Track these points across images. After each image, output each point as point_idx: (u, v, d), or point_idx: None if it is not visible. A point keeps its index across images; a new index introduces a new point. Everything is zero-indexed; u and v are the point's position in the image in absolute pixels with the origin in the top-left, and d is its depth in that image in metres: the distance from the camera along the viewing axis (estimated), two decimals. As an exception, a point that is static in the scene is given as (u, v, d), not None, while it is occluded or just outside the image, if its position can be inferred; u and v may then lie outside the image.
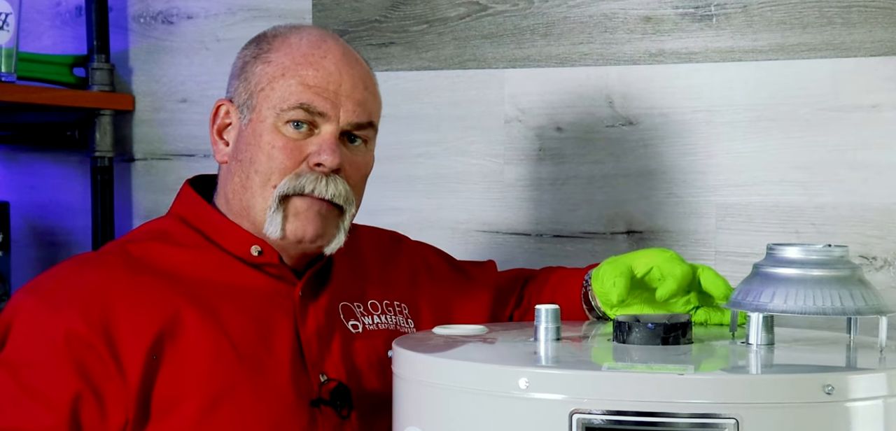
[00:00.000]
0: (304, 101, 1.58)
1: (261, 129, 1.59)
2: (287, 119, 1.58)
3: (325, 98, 1.59)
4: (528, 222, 2.11)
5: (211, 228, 1.63)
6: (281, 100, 1.58)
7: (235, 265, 1.61)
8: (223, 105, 1.65)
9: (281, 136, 1.58)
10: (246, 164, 1.60)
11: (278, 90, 1.59)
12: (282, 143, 1.58)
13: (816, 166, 1.97)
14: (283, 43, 1.62)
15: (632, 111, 2.05)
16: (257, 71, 1.62)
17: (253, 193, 1.59)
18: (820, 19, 1.96)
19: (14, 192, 2.34)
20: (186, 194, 1.68)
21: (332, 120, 1.59)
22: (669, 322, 1.42)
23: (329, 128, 1.59)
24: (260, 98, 1.60)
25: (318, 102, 1.58)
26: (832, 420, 1.24)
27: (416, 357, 1.38)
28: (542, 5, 2.09)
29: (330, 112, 1.59)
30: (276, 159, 1.58)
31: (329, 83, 1.59)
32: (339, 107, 1.59)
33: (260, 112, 1.60)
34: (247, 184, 1.60)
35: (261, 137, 1.59)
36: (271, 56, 1.61)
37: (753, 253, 1.86)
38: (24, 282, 1.71)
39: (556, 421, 1.24)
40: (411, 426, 1.36)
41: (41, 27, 2.34)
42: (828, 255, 1.40)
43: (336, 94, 1.59)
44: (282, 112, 1.58)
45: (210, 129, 1.66)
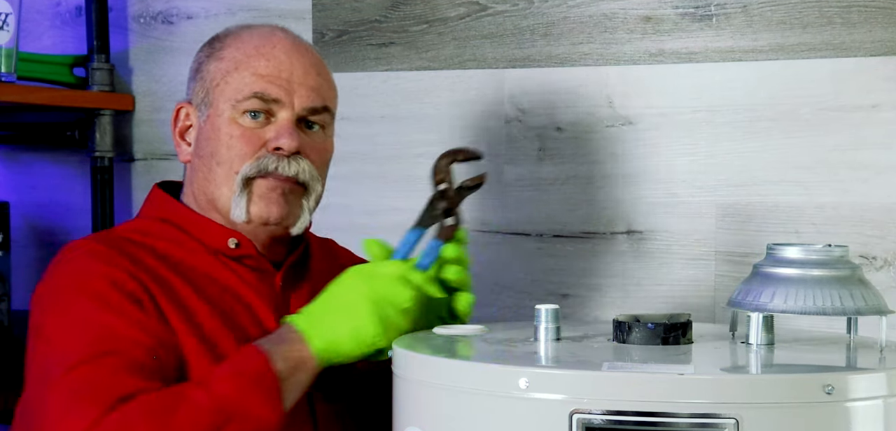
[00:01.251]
0: (257, 91, 1.62)
1: (219, 123, 1.63)
2: (243, 109, 1.63)
3: (278, 86, 1.63)
4: (528, 222, 2.10)
5: (189, 224, 1.66)
6: (235, 91, 1.63)
7: (215, 261, 1.64)
8: (183, 108, 1.70)
9: (238, 126, 1.63)
10: (207, 158, 1.64)
11: (232, 83, 1.63)
12: (239, 132, 1.63)
13: (816, 166, 1.97)
14: (235, 39, 1.67)
15: (632, 111, 2.05)
16: (211, 69, 1.66)
17: (217, 184, 1.64)
18: (820, 19, 1.96)
19: (14, 192, 2.34)
20: (158, 196, 1.71)
21: (287, 106, 1.64)
22: (669, 322, 1.42)
23: (285, 114, 1.64)
24: (215, 93, 1.65)
25: (271, 90, 1.63)
26: (832, 420, 1.24)
27: (416, 357, 1.38)
28: (542, 5, 2.09)
29: (284, 98, 1.63)
30: (235, 148, 1.62)
31: (281, 71, 1.64)
32: (292, 93, 1.64)
33: (216, 107, 1.64)
34: (210, 176, 1.64)
35: (219, 130, 1.63)
36: (224, 53, 1.66)
37: (753, 253, 1.86)
38: (24, 282, 1.71)
39: (556, 421, 1.24)
40: (411, 426, 1.36)
41: (41, 27, 2.34)
42: (828, 255, 1.40)
43: (289, 82, 1.64)
44: (237, 103, 1.63)
45: (173, 132, 1.71)
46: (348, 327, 1.48)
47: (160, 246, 1.63)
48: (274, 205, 1.63)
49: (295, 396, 1.48)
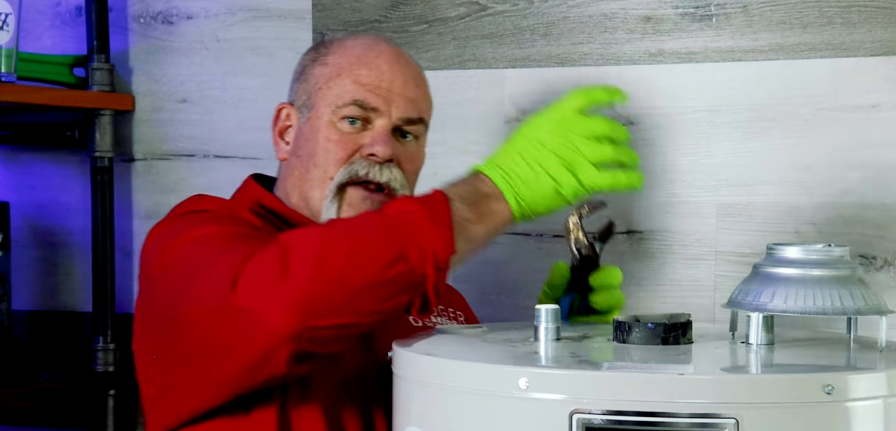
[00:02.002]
0: (358, 98, 1.67)
1: (318, 126, 1.69)
2: (342, 115, 1.67)
3: (377, 94, 1.68)
4: (528, 222, 2.10)
5: (283, 212, 1.71)
6: (336, 97, 1.68)
7: None
8: (284, 108, 1.76)
9: (336, 131, 1.68)
10: (305, 159, 1.70)
11: (334, 88, 1.69)
12: (337, 137, 1.68)
13: (816, 166, 1.97)
14: (340, 46, 1.73)
15: (632, 111, 2.05)
16: (315, 72, 1.72)
17: (312, 185, 1.69)
18: (820, 19, 1.96)
19: (14, 192, 2.34)
20: (253, 186, 1.75)
21: (385, 115, 1.68)
22: (669, 322, 1.42)
23: (381, 122, 1.68)
24: (317, 97, 1.70)
25: (371, 99, 1.68)
26: (832, 420, 1.24)
27: (416, 357, 1.38)
28: (542, 5, 2.09)
29: (382, 107, 1.68)
30: (332, 152, 1.67)
31: (382, 81, 1.68)
32: (390, 103, 1.69)
33: (317, 110, 1.70)
34: (306, 176, 1.69)
35: (318, 133, 1.69)
36: (328, 58, 1.72)
37: (753, 253, 1.86)
38: (24, 282, 1.71)
39: (556, 421, 1.24)
40: (411, 426, 1.36)
41: (41, 27, 2.34)
42: (828, 255, 1.40)
43: (388, 91, 1.69)
44: (337, 108, 1.68)
45: (272, 131, 1.76)
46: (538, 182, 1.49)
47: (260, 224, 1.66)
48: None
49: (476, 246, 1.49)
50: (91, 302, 2.27)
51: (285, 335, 1.37)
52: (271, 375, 1.44)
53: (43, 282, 2.36)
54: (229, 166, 2.24)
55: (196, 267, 1.47)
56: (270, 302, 1.37)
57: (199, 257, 1.48)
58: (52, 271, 2.36)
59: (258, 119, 2.23)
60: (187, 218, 1.60)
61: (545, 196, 1.49)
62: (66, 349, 2.33)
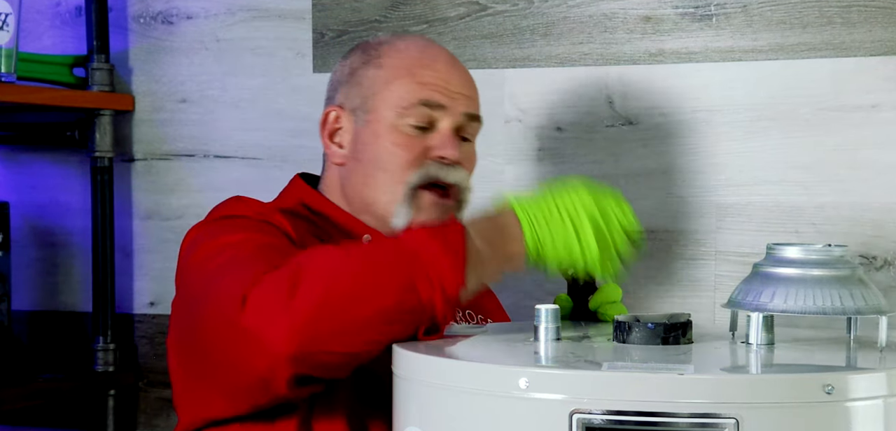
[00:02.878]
0: (424, 98, 1.69)
1: (380, 129, 1.70)
2: (407, 118, 1.68)
3: (442, 93, 1.70)
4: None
5: (330, 213, 1.72)
6: (400, 99, 1.69)
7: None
8: (332, 111, 1.75)
9: (401, 135, 1.69)
10: (368, 164, 1.70)
11: (396, 91, 1.70)
12: (403, 141, 1.69)
13: (816, 166, 1.97)
14: (392, 49, 1.74)
15: (632, 111, 2.05)
16: (370, 75, 1.72)
17: (377, 189, 1.69)
18: (820, 19, 1.96)
19: (14, 192, 2.34)
20: (301, 185, 1.76)
21: (449, 113, 1.71)
22: (669, 322, 1.42)
23: (446, 122, 1.71)
24: (376, 100, 1.71)
25: (437, 97, 1.70)
26: (832, 420, 1.24)
27: (416, 357, 1.38)
28: (542, 5, 2.09)
29: (447, 104, 1.70)
30: (399, 155, 1.68)
31: (443, 80, 1.71)
32: (454, 100, 1.71)
33: (378, 113, 1.70)
34: (369, 181, 1.70)
35: (381, 137, 1.69)
36: (383, 61, 1.73)
37: (753, 253, 1.86)
38: (24, 282, 1.72)
39: (556, 421, 1.24)
40: (411, 426, 1.36)
41: (41, 27, 2.34)
42: (828, 255, 1.40)
43: (450, 90, 1.71)
44: (403, 110, 1.69)
45: (321, 135, 1.75)
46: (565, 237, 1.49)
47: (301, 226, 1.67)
48: (436, 214, 1.67)
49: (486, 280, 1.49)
50: (91, 302, 2.27)
51: (285, 358, 1.38)
52: (274, 395, 1.44)
53: (43, 282, 2.36)
54: (229, 166, 2.24)
55: (214, 277, 1.48)
56: (274, 324, 1.38)
57: (218, 266, 1.49)
58: (52, 271, 2.36)
59: (258, 119, 2.23)
60: (221, 223, 1.60)
61: (564, 252, 1.49)
62: (66, 349, 2.33)
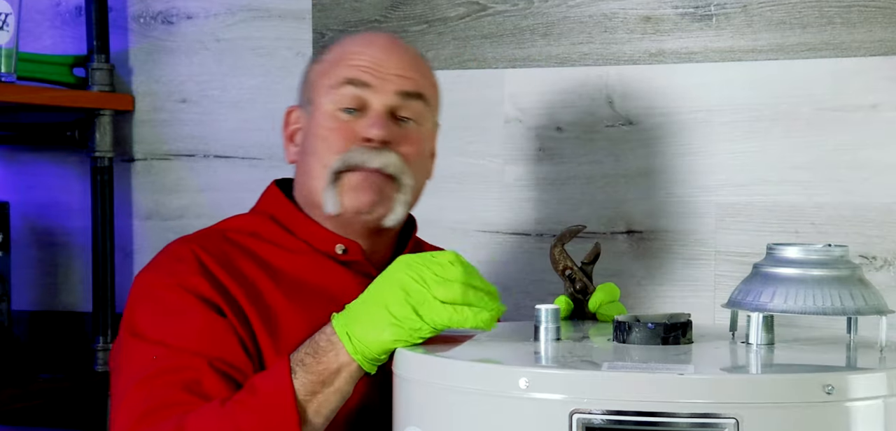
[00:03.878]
0: (349, 77, 1.66)
1: (318, 118, 1.68)
2: (338, 101, 1.66)
3: (369, 73, 1.67)
4: (528, 222, 2.11)
5: (298, 227, 1.69)
6: (331, 84, 1.67)
7: (322, 262, 1.67)
8: (293, 111, 1.75)
9: (334, 119, 1.67)
10: (308, 154, 1.69)
11: (330, 78, 1.68)
12: (335, 126, 1.66)
13: (816, 166, 1.97)
14: (337, 43, 1.74)
15: (632, 111, 2.05)
16: (314, 70, 1.73)
17: (314, 177, 1.67)
18: (820, 19, 1.96)
19: (14, 192, 2.34)
20: (274, 194, 1.74)
21: (379, 92, 1.66)
22: (669, 322, 1.42)
23: (376, 102, 1.66)
24: (315, 92, 1.70)
25: (362, 76, 1.66)
26: (832, 420, 1.24)
27: (416, 357, 1.38)
28: (542, 5, 2.09)
29: (375, 83, 1.66)
30: (328, 140, 1.66)
31: (374, 62, 1.67)
32: (385, 80, 1.67)
33: (316, 103, 1.69)
34: (309, 170, 1.68)
35: (318, 125, 1.68)
36: (326, 56, 1.72)
37: (753, 253, 1.86)
38: (24, 282, 1.71)
39: (556, 421, 1.24)
40: (411, 426, 1.36)
41: (41, 27, 2.34)
42: (828, 255, 1.40)
43: (381, 70, 1.67)
44: (331, 90, 1.67)
45: (282, 135, 1.75)
46: (380, 319, 1.44)
47: (262, 248, 1.66)
48: (363, 193, 1.64)
49: (333, 405, 1.48)
50: (91, 302, 2.27)
51: None
52: None
53: (43, 282, 2.36)
54: (229, 166, 2.24)
55: (120, 393, 1.53)
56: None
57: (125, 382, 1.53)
58: (52, 271, 2.36)
59: (258, 119, 2.23)
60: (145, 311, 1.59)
61: (379, 330, 1.44)
62: (66, 349, 2.33)
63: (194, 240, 1.66)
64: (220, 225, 1.73)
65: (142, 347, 1.55)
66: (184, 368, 1.50)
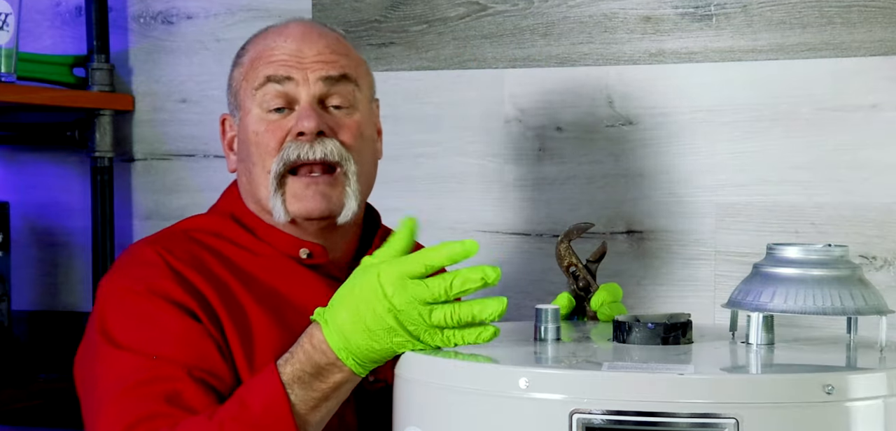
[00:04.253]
0: (270, 73, 1.62)
1: (247, 123, 1.64)
2: (264, 103, 1.62)
3: (288, 65, 1.62)
4: (528, 222, 2.10)
5: (260, 230, 1.66)
6: (253, 84, 1.63)
7: (287, 265, 1.64)
8: (226, 119, 1.72)
9: (264, 121, 1.63)
10: (245, 161, 1.65)
11: (251, 80, 1.64)
12: (265, 127, 1.62)
13: (816, 166, 1.97)
14: (252, 42, 1.69)
15: (632, 111, 2.05)
16: (235, 75, 1.69)
17: (257, 184, 1.64)
18: (820, 19, 1.96)
19: (14, 192, 2.34)
20: (234, 194, 1.71)
21: (303, 84, 1.62)
22: (669, 322, 1.42)
23: (304, 95, 1.62)
24: (241, 96, 1.66)
25: (282, 70, 1.62)
26: (832, 420, 1.24)
27: (416, 357, 1.38)
28: (542, 5, 2.09)
29: (296, 75, 1.62)
30: (263, 144, 1.62)
31: (292, 53, 1.63)
32: (306, 69, 1.63)
33: (244, 107, 1.66)
34: (251, 179, 1.65)
35: (248, 130, 1.64)
36: (244, 57, 1.69)
37: (753, 253, 1.86)
38: (24, 282, 1.70)
39: (556, 421, 1.24)
40: (411, 426, 1.36)
41: (41, 27, 2.34)
42: (828, 255, 1.40)
43: (300, 60, 1.63)
44: (255, 92, 1.63)
45: (222, 145, 1.72)
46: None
47: (228, 249, 1.63)
48: (310, 200, 1.61)
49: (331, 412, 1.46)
50: (91, 302, 2.27)
51: None
52: None
53: (43, 282, 2.36)
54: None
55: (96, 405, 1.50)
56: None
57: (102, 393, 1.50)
58: (52, 271, 2.36)
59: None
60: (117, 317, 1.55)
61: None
62: (66, 349, 2.33)
63: (158, 242, 1.62)
64: (180, 224, 1.69)
65: (117, 355, 1.50)
66: (163, 378, 1.47)
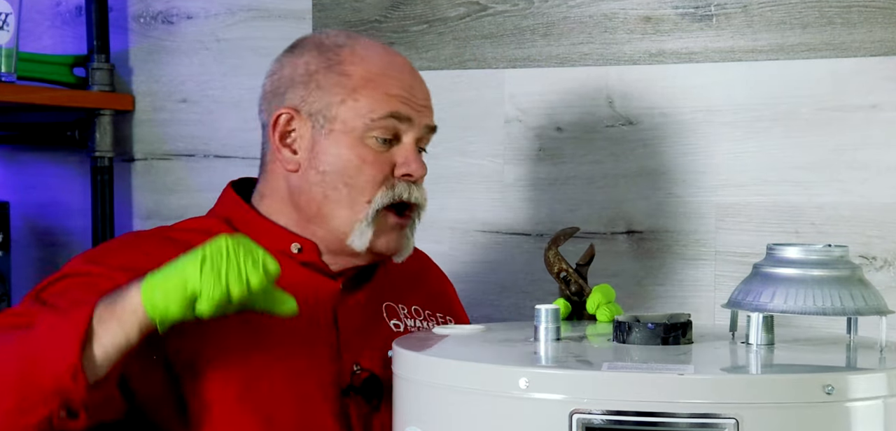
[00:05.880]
0: (393, 110, 1.62)
1: (345, 141, 1.62)
2: (375, 131, 1.62)
3: (409, 106, 1.64)
4: (528, 222, 2.11)
5: (252, 230, 1.64)
6: (369, 110, 1.62)
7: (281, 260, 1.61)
8: (285, 113, 1.65)
9: (369, 150, 1.62)
10: (331, 175, 1.63)
11: (364, 101, 1.62)
12: (372, 157, 1.62)
13: (816, 166, 1.97)
14: (353, 55, 1.65)
15: (632, 111, 2.05)
16: (333, 80, 1.64)
17: (339, 203, 1.62)
18: (820, 19, 1.96)
19: (14, 192, 2.34)
20: (228, 196, 1.72)
21: (414, 127, 1.65)
22: (669, 322, 1.42)
23: (409, 136, 1.65)
24: (342, 109, 1.62)
25: (404, 109, 1.63)
26: (832, 420, 1.24)
27: (416, 357, 1.38)
28: (542, 5, 2.09)
29: (414, 118, 1.65)
30: (367, 172, 1.62)
31: (410, 94, 1.65)
32: (419, 112, 1.65)
33: (344, 123, 1.62)
34: (331, 194, 1.63)
35: (348, 150, 1.62)
36: (346, 68, 1.64)
37: (753, 253, 1.86)
38: (24, 282, 1.70)
39: (556, 421, 1.24)
40: (411, 426, 1.36)
41: (41, 27, 2.34)
42: (828, 255, 1.40)
43: (415, 102, 1.65)
44: (372, 122, 1.62)
45: (271, 137, 1.66)
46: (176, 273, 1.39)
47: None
48: (394, 241, 1.65)
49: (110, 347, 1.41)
50: (91, 302, 2.27)
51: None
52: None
53: (43, 282, 2.36)
54: (229, 166, 2.24)
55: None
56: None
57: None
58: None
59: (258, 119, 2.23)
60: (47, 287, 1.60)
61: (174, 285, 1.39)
62: (66, 349, 2.33)
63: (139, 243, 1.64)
64: (173, 226, 1.71)
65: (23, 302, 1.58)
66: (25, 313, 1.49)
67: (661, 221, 2.04)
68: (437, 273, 1.89)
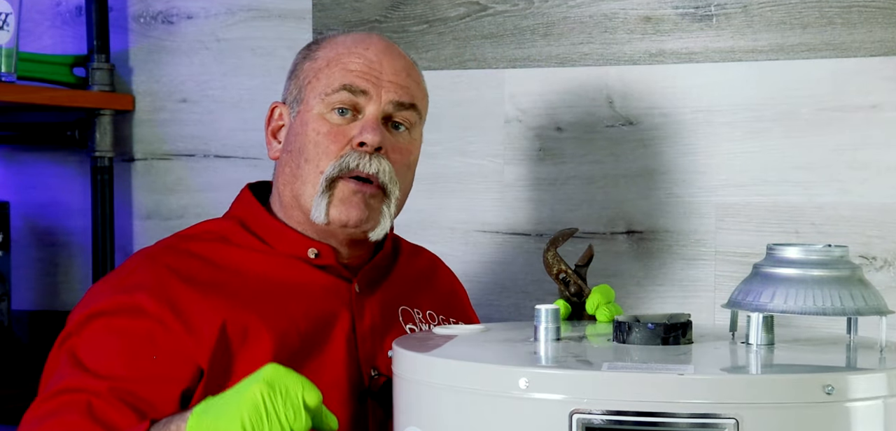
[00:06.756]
0: (346, 83, 1.64)
1: (307, 118, 1.66)
2: (331, 104, 1.64)
3: (366, 79, 1.65)
4: (528, 222, 2.11)
5: (268, 233, 1.67)
6: (325, 86, 1.65)
7: (294, 263, 1.66)
8: (277, 107, 1.73)
9: (326, 123, 1.65)
10: (295, 154, 1.66)
11: (323, 79, 1.66)
12: (327, 129, 1.64)
13: (816, 166, 1.97)
14: (330, 40, 1.71)
15: (632, 111, 2.05)
16: (305, 67, 1.70)
17: (303, 181, 1.65)
18: (820, 19, 1.96)
19: (14, 192, 2.34)
20: (245, 198, 1.73)
21: (374, 100, 1.65)
22: (669, 322, 1.42)
23: (371, 109, 1.65)
24: (307, 90, 1.67)
25: (359, 82, 1.65)
26: (832, 420, 1.24)
27: (416, 357, 1.38)
28: (542, 5, 2.09)
29: (371, 91, 1.65)
30: (322, 144, 1.64)
31: (371, 68, 1.66)
32: (380, 88, 1.65)
33: (307, 103, 1.67)
34: (297, 172, 1.66)
35: (307, 126, 1.65)
36: (318, 53, 1.69)
37: (753, 253, 1.86)
38: (24, 282, 1.70)
39: (556, 421, 1.24)
40: (411, 426, 1.36)
41: (41, 27, 2.34)
42: (828, 255, 1.40)
43: (378, 77, 1.66)
44: (326, 97, 1.65)
45: (265, 131, 1.73)
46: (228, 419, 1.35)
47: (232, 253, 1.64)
48: (354, 208, 1.63)
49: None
50: (91, 302, 2.27)
51: None
52: None
53: (43, 282, 2.36)
54: (229, 166, 2.24)
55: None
56: None
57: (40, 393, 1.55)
58: (52, 271, 2.36)
59: (258, 119, 2.22)
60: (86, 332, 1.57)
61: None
62: (66, 349, 2.33)
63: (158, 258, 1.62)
64: (188, 231, 1.71)
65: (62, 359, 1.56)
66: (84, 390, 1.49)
67: (661, 221, 2.04)
68: (449, 275, 1.89)
